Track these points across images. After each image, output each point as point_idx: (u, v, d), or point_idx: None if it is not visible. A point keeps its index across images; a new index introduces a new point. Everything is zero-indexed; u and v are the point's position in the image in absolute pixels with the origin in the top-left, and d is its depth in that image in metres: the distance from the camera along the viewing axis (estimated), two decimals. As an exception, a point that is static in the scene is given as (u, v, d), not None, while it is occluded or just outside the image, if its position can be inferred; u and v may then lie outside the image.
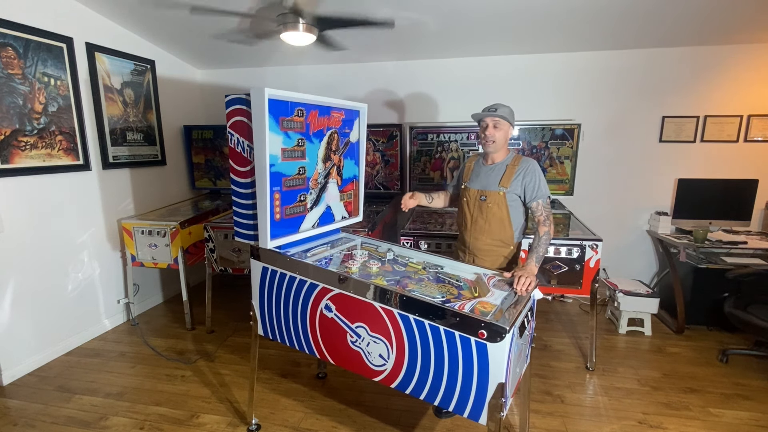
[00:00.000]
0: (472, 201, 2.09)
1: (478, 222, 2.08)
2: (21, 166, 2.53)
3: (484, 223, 2.06)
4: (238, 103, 1.73)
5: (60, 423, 2.15)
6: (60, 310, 2.83)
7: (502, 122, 1.99)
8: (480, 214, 2.07)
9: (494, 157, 2.07)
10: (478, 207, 2.07)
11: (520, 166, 2.01)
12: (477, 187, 2.09)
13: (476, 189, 2.08)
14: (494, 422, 1.36)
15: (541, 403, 2.30)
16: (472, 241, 2.11)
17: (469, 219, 2.11)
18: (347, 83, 3.92)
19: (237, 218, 1.89)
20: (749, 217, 3.33)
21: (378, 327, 1.57)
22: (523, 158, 2.04)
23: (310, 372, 2.62)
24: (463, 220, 2.16)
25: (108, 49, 3.10)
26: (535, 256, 1.87)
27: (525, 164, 2.01)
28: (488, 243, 2.08)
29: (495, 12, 2.78)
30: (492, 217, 2.04)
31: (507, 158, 2.06)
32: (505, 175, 2.01)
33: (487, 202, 2.04)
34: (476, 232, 2.09)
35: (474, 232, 2.10)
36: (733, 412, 2.22)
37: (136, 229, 3.11)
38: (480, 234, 2.08)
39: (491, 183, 2.04)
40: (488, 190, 2.04)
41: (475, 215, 2.09)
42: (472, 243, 2.11)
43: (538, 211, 1.97)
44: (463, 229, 2.16)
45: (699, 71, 3.37)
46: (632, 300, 3.06)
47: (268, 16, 2.88)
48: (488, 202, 2.03)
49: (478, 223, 2.08)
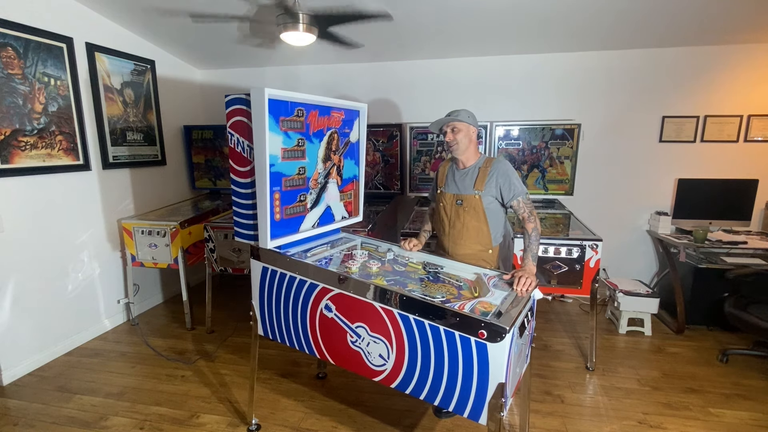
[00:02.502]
0: (449, 205, 2.08)
1: (455, 226, 2.06)
2: (21, 166, 2.53)
3: (462, 227, 2.04)
4: (238, 103, 1.73)
5: (60, 423, 2.15)
6: (60, 310, 2.83)
7: (459, 124, 1.98)
8: (457, 218, 2.05)
9: (465, 161, 2.06)
10: (455, 211, 2.06)
11: (491, 168, 2.00)
12: (453, 192, 2.07)
13: (452, 194, 2.07)
14: (494, 422, 1.36)
15: (541, 403, 2.30)
16: (451, 245, 2.09)
17: (447, 224, 2.09)
18: (347, 83, 3.92)
19: (237, 218, 1.89)
20: (749, 217, 3.33)
21: (378, 327, 1.57)
22: (494, 160, 2.03)
23: (310, 372, 2.62)
24: (440, 225, 2.14)
25: (108, 49, 3.11)
26: (530, 255, 1.87)
27: (496, 165, 2.00)
28: (467, 247, 2.06)
29: (495, 12, 2.78)
30: (469, 221, 2.03)
31: (479, 161, 2.05)
32: (478, 178, 2.00)
33: (463, 206, 2.03)
34: (454, 237, 2.07)
35: (452, 236, 2.08)
36: (733, 412, 2.22)
37: (136, 229, 3.11)
38: (458, 239, 2.06)
39: (466, 187, 2.03)
40: (464, 194, 2.03)
41: (452, 219, 2.07)
42: (452, 248, 2.09)
43: (520, 208, 1.95)
44: (442, 234, 2.14)
45: (699, 71, 3.37)
46: (632, 300, 3.06)
47: (266, 19, 2.88)
48: (464, 206, 2.02)
49: (456, 227, 2.06)
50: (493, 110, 3.67)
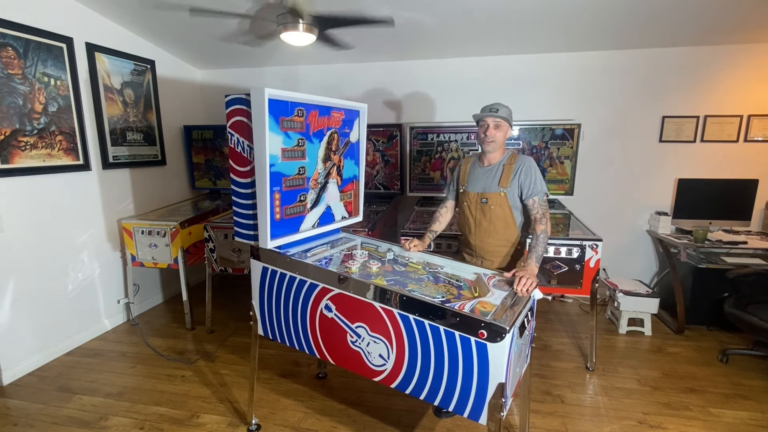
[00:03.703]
0: (473, 204, 2.09)
1: (482, 224, 2.08)
2: (21, 166, 2.53)
3: (489, 225, 2.06)
4: (238, 103, 1.73)
5: (60, 423, 2.15)
6: (60, 310, 2.83)
7: (503, 123, 1.99)
8: (483, 217, 2.07)
9: (491, 159, 2.07)
10: (480, 209, 2.07)
11: (516, 164, 2.00)
12: (477, 190, 2.08)
13: (476, 192, 2.08)
14: (494, 422, 1.36)
15: (541, 403, 2.30)
16: (478, 243, 2.11)
17: (473, 222, 2.11)
18: (347, 83, 3.92)
19: (237, 218, 1.89)
20: (749, 217, 3.33)
21: (378, 327, 1.57)
22: (519, 156, 2.04)
23: (310, 372, 2.62)
24: (466, 224, 2.16)
25: (108, 49, 3.10)
26: (534, 256, 1.86)
27: (521, 161, 2.01)
28: (494, 244, 2.08)
29: (495, 12, 2.78)
30: (496, 219, 2.04)
31: (503, 158, 2.06)
32: (503, 176, 2.01)
33: (489, 204, 2.04)
34: (481, 234, 2.09)
35: (479, 234, 2.10)
36: (733, 412, 2.22)
37: (136, 229, 3.11)
38: (485, 236, 2.08)
39: (491, 185, 2.04)
40: (489, 192, 2.04)
41: (478, 218, 2.09)
42: (479, 245, 2.11)
43: (534, 208, 1.96)
44: (468, 233, 2.16)
45: (699, 71, 3.37)
46: (632, 300, 3.06)
47: (267, 17, 2.88)
48: (490, 203, 2.03)
49: (482, 225, 2.08)
50: (493, 110, 3.67)
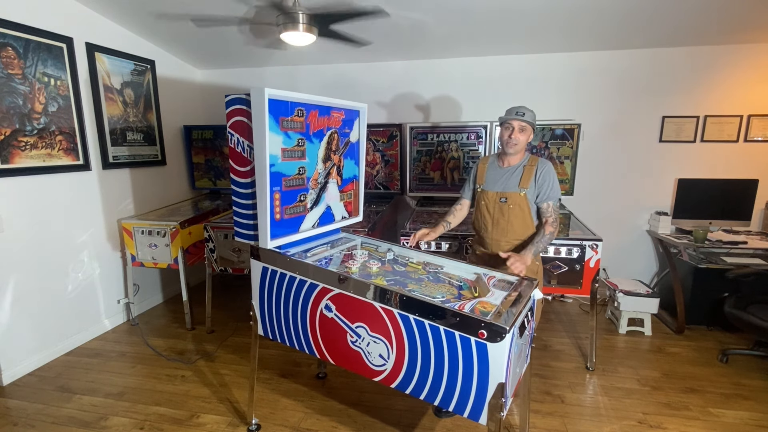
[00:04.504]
0: (492, 203, 2.12)
1: (499, 223, 2.11)
2: (21, 166, 2.53)
3: (507, 224, 2.10)
4: (238, 103, 1.73)
5: (60, 423, 2.15)
6: (60, 310, 2.83)
7: (528, 126, 2.04)
8: (501, 216, 2.10)
9: (511, 160, 2.11)
10: (498, 209, 2.10)
11: (537, 167, 2.06)
12: (496, 190, 2.12)
13: (495, 191, 2.12)
14: (494, 422, 1.36)
15: (541, 403, 2.30)
16: (495, 242, 2.14)
17: (490, 221, 2.14)
18: (347, 83, 3.92)
19: (237, 218, 1.89)
20: (749, 217, 3.33)
21: (378, 327, 1.57)
22: (539, 159, 2.09)
23: (310, 372, 2.62)
24: (482, 223, 2.19)
25: (108, 49, 3.10)
26: (533, 249, 1.92)
27: (542, 165, 2.06)
28: (510, 243, 2.11)
29: (496, 12, 2.78)
30: (514, 218, 2.08)
31: (524, 160, 2.11)
32: (523, 177, 2.06)
33: (508, 203, 2.08)
34: (498, 234, 2.13)
35: (495, 233, 2.13)
36: (733, 412, 2.22)
37: (136, 229, 3.11)
38: (502, 235, 2.12)
39: (511, 185, 2.08)
40: (508, 191, 2.08)
41: (496, 217, 2.12)
42: (494, 244, 2.14)
43: (548, 212, 2.03)
44: (483, 232, 2.19)
45: (699, 71, 3.37)
46: (632, 300, 3.06)
47: (266, 19, 2.88)
48: (509, 203, 2.07)
49: (500, 224, 2.11)
50: (493, 110, 3.66)
